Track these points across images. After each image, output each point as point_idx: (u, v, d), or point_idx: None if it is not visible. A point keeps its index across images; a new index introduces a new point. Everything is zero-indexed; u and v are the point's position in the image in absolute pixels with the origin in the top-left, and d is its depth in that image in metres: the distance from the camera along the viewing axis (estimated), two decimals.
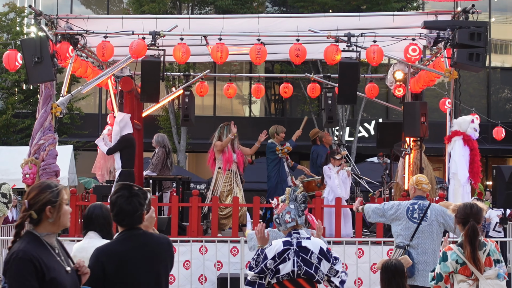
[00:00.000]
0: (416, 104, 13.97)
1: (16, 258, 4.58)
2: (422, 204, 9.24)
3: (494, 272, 6.65)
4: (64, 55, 13.15)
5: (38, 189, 4.79)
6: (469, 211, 6.75)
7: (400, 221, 9.28)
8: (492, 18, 35.67)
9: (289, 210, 7.02)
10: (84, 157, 29.81)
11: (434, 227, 9.19)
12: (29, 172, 12.79)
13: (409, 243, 9.18)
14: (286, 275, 6.81)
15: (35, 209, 4.74)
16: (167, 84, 28.27)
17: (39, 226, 4.78)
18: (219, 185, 14.19)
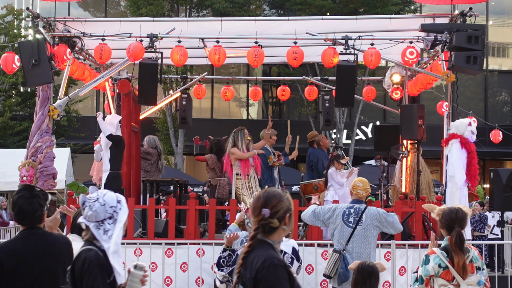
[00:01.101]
0: (414, 107, 13.98)
1: (271, 265, 4.56)
2: (358, 208, 9.25)
3: (476, 278, 6.62)
4: (61, 58, 13.15)
5: (278, 197, 4.76)
6: (454, 216, 6.71)
7: (335, 225, 9.29)
8: (489, 21, 35.72)
9: None
10: (81, 160, 29.81)
11: (369, 231, 9.22)
12: (26, 174, 12.78)
13: (344, 247, 9.21)
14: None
15: (277, 217, 4.72)
16: (164, 86, 28.25)
17: (273, 234, 4.76)
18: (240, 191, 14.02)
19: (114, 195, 5.12)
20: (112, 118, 13.79)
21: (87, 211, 5.03)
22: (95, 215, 5.01)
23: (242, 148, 14.09)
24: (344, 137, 32.22)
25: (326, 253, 12.42)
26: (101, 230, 5.00)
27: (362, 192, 9.35)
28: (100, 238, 4.99)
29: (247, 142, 14.17)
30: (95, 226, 5.00)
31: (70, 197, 13.53)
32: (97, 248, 4.98)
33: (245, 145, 14.12)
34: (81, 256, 4.94)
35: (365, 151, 30.65)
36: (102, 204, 5.02)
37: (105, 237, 5.00)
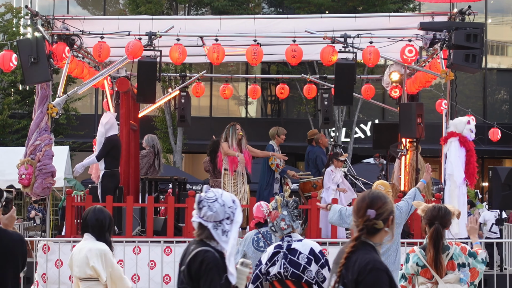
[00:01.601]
0: (412, 105, 13.99)
1: (374, 268, 4.57)
2: None
3: (454, 276, 6.58)
4: (60, 56, 13.14)
5: (384, 199, 4.78)
6: (436, 213, 6.70)
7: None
8: (488, 20, 35.70)
9: (283, 217, 7.15)
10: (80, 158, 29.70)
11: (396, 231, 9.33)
12: (25, 172, 12.77)
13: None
14: (274, 276, 6.91)
15: (382, 219, 4.73)
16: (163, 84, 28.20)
17: (375, 236, 4.77)
18: (226, 187, 14.06)
19: (228, 194, 5.08)
20: (110, 119, 13.76)
21: (205, 211, 4.96)
22: (215, 215, 4.95)
23: (232, 143, 14.09)
24: (343, 135, 32.21)
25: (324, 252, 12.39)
26: (219, 231, 4.95)
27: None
28: (219, 238, 4.95)
29: (239, 137, 14.16)
30: (213, 227, 4.94)
31: (68, 195, 13.52)
32: (213, 248, 4.95)
33: (235, 141, 14.11)
34: (198, 257, 4.90)
35: (364, 149, 30.63)
36: (221, 205, 4.98)
37: (224, 237, 4.96)
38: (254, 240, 8.85)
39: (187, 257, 4.99)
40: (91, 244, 7.07)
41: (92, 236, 7.10)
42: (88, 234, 7.13)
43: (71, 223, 13.24)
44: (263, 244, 8.76)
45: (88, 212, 7.20)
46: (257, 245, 8.82)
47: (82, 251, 7.09)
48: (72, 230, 13.21)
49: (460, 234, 12.12)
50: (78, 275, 7.15)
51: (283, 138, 14.89)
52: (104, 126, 13.65)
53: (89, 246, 7.06)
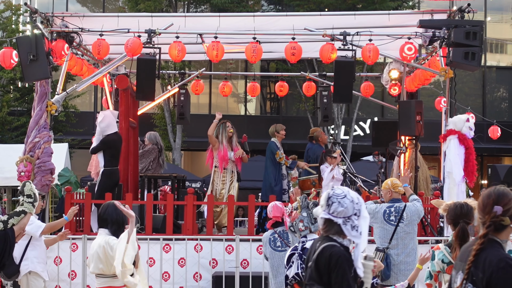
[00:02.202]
0: (412, 103, 13.98)
1: (508, 265, 4.50)
2: (398, 207, 9.52)
3: None
4: (59, 53, 13.15)
5: (510, 196, 4.72)
6: (459, 211, 6.67)
7: (377, 224, 9.46)
8: (487, 17, 35.67)
9: (302, 218, 7.20)
10: (79, 155, 29.78)
11: (411, 227, 9.50)
12: (24, 170, 12.78)
13: (388, 245, 9.44)
14: (293, 278, 6.91)
15: (509, 215, 4.67)
16: (162, 82, 28.20)
17: (502, 232, 4.71)
18: (216, 184, 14.13)
19: (353, 192, 5.18)
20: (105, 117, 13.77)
21: (336, 207, 5.03)
22: (345, 211, 5.02)
23: (222, 141, 14.12)
24: (342, 133, 32.20)
25: None
26: (349, 226, 5.02)
27: (402, 189, 9.67)
28: (349, 233, 5.02)
29: (229, 135, 14.17)
30: (343, 222, 5.03)
31: (68, 192, 13.51)
32: (339, 243, 5.03)
33: (226, 138, 14.14)
34: (325, 252, 4.97)
35: (363, 147, 30.63)
36: (351, 201, 5.06)
37: (354, 232, 5.03)
38: (271, 240, 8.90)
39: (313, 254, 5.08)
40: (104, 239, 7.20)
41: (108, 231, 7.24)
42: (103, 229, 7.27)
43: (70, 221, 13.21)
44: (280, 243, 8.81)
45: (107, 207, 7.32)
46: (274, 245, 8.87)
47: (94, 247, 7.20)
48: (71, 226, 13.20)
49: None
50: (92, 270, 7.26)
51: (283, 134, 14.89)
52: (100, 125, 13.67)
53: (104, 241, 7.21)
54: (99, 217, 7.47)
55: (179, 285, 12.43)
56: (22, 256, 9.86)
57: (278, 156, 14.56)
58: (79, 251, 12.39)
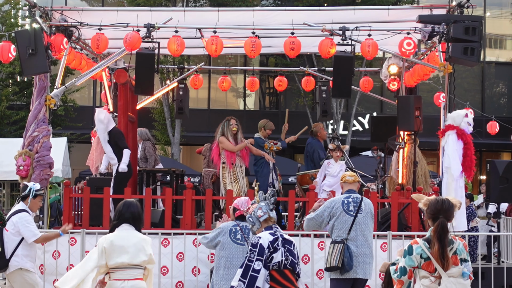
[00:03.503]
0: (411, 98, 13.98)
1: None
2: (356, 197, 9.45)
3: (458, 270, 6.50)
4: (58, 47, 13.13)
5: None
6: (439, 207, 6.62)
7: (335, 216, 9.38)
8: (487, 13, 35.68)
9: (260, 206, 7.29)
10: (78, 149, 29.81)
11: (369, 219, 9.44)
12: (23, 164, 12.78)
13: (346, 236, 9.32)
14: (275, 264, 6.96)
15: None
16: (161, 76, 28.20)
17: None
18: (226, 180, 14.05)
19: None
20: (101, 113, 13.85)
21: None
22: None
23: (228, 138, 14.06)
24: (341, 128, 32.23)
25: (322, 244, 12.44)
26: None
27: (350, 178, 9.56)
28: None
29: (233, 132, 14.12)
30: None
31: (66, 187, 13.53)
32: None
33: (231, 135, 14.09)
34: None
35: (362, 142, 30.68)
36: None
37: None
38: (232, 231, 8.90)
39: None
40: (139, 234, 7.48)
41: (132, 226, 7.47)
42: (128, 225, 7.46)
43: (68, 215, 13.24)
44: (241, 237, 8.82)
45: (128, 205, 7.58)
46: (234, 236, 8.87)
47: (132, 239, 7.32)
48: (70, 221, 13.21)
49: (457, 227, 12.14)
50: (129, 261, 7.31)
51: (268, 132, 14.89)
52: (103, 121, 13.73)
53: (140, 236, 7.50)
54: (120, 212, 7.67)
55: (177, 280, 12.45)
56: (13, 252, 9.99)
57: (267, 147, 14.56)
58: (77, 245, 12.40)
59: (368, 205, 9.43)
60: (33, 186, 10.26)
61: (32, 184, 10.36)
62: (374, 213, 9.82)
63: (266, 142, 14.66)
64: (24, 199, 10.22)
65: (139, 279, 7.43)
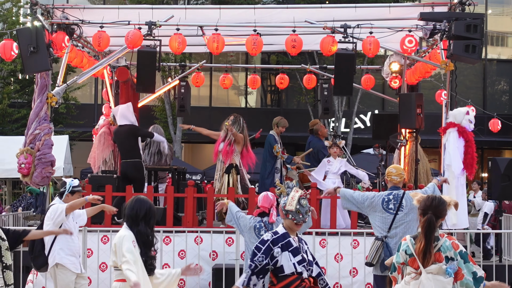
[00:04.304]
0: (412, 96, 13.98)
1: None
2: (397, 194, 9.35)
3: (437, 267, 6.43)
4: (60, 45, 13.15)
5: None
6: (429, 203, 6.59)
7: (376, 213, 9.35)
8: (488, 10, 35.65)
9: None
10: (79, 147, 29.80)
11: (411, 216, 9.28)
12: (24, 162, 12.79)
13: (386, 234, 9.30)
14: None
15: None
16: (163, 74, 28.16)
17: None
18: None
19: None
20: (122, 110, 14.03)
21: None
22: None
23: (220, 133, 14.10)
24: (343, 125, 32.22)
25: (324, 241, 12.46)
26: None
27: (396, 178, 9.45)
28: None
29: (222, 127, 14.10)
30: None
31: None
32: None
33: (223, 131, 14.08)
34: None
35: (364, 139, 30.64)
36: None
37: None
38: (256, 228, 8.89)
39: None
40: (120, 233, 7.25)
41: (127, 226, 7.28)
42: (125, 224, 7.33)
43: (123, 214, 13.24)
44: (264, 233, 8.77)
45: (129, 202, 7.42)
46: (258, 232, 8.85)
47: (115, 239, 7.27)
48: None
49: (458, 225, 12.14)
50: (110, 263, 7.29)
51: (282, 130, 14.82)
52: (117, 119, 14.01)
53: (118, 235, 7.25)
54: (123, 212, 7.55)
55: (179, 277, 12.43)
56: (50, 248, 9.83)
57: (275, 150, 14.53)
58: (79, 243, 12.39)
59: (410, 201, 9.23)
60: (71, 182, 10.04)
61: (71, 180, 10.12)
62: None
63: (276, 144, 14.57)
64: (62, 195, 9.99)
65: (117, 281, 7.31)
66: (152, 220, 7.42)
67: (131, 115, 14.18)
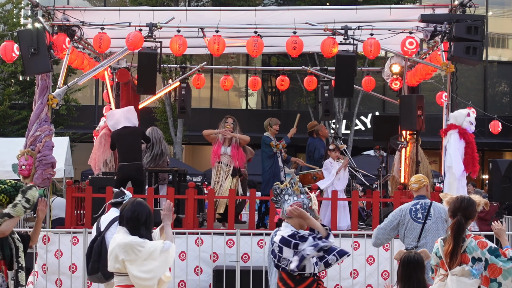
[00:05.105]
0: (413, 98, 13.98)
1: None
2: (424, 203, 9.24)
3: (460, 269, 6.43)
4: (60, 47, 13.15)
5: None
6: (458, 205, 6.60)
7: (404, 225, 9.22)
8: (489, 12, 35.68)
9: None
10: (80, 149, 29.81)
11: (439, 224, 9.14)
12: (25, 163, 12.79)
13: (416, 244, 9.13)
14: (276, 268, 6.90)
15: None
16: (163, 76, 28.24)
17: None
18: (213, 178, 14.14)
19: None
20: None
21: None
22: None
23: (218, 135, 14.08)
24: (343, 127, 32.23)
25: None
26: None
27: (415, 185, 9.40)
28: None
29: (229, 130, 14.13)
30: None
31: (69, 186, 13.53)
32: None
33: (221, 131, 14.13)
34: None
35: (364, 141, 30.67)
36: None
37: None
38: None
39: None
40: (117, 238, 7.01)
41: (126, 229, 7.04)
42: (122, 228, 7.06)
43: (70, 214, 13.26)
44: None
45: (126, 204, 7.20)
46: None
47: (112, 244, 7.03)
48: (72, 221, 13.24)
49: None
50: (110, 268, 7.04)
51: (276, 128, 14.81)
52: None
53: (117, 241, 6.98)
54: (120, 214, 7.27)
55: (179, 279, 12.45)
56: None
57: (273, 146, 14.51)
58: (79, 245, 12.41)
59: (437, 209, 9.17)
60: (128, 193, 9.80)
61: (127, 192, 9.85)
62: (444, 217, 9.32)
63: (272, 141, 14.61)
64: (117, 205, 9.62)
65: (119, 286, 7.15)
66: (152, 225, 7.31)
67: (134, 118, 14.16)
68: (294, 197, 6.96)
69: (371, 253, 12.23)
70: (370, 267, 12.33)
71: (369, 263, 12.33)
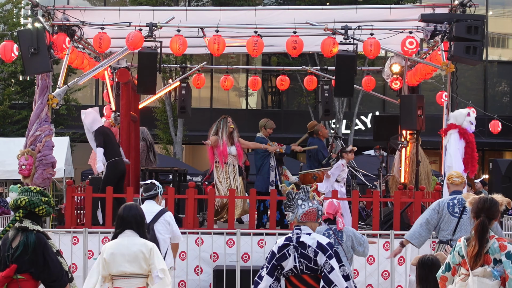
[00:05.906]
0: (413, 97, 13.98)
1: None
2: (461, 199, 9.40)
3: (481, 270, 6.40)
4: (60, 47, 13.14)
5: None
6: (481, 205, 6.54)
7: (442, 218, 9.41)
8: (489, 12, 35.65)
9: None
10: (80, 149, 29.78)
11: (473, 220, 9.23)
12: (25, 163, 12.79)
13: (451, 237, 9.32)
14: (290, 271, 6.79)
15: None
16: (163, 76, 28.23)
17: None
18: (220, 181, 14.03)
19: None
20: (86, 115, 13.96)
21: None
22: None
23: (222, 136, 13.96)
24: (344, 127, 32.21)
25: None
26: None
27: (457, 180, 9.61)
28: None
29: (230, 130, 14.02)
30: None
31: (69, 186, 13.53)
32: None
33: (226, 133, 13.99)
34: None
35: (365, 141, 30.63)
36: None
37: None
38: (325, 236, 8.63)
39: None
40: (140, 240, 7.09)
41: (135, 232, 7.10)
42: (131, 231, 7.10)
43: (71, 214, 13.25)
44: (334, 241, 8.75)
45: (129, 208, 7.21)
46: None
47: (132, 247, 7.02)
48: (72, 221, 13.23)
49: None
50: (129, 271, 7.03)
51: (269, 132, 14.72)
52: (85, 122, 13.92)
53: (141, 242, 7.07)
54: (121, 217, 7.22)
55: (180, 279, 12.44)
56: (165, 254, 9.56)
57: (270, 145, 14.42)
58: (80, 245, 12.40)
59: None
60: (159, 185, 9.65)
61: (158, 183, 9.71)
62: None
63: (268, 142, 14.54)
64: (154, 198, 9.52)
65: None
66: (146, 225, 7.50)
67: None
68: (308, 203, 6.97)
69: (371, 253, 12.18)
70: (370, 267, 12.32)
71: (369, 263, 12.32)
